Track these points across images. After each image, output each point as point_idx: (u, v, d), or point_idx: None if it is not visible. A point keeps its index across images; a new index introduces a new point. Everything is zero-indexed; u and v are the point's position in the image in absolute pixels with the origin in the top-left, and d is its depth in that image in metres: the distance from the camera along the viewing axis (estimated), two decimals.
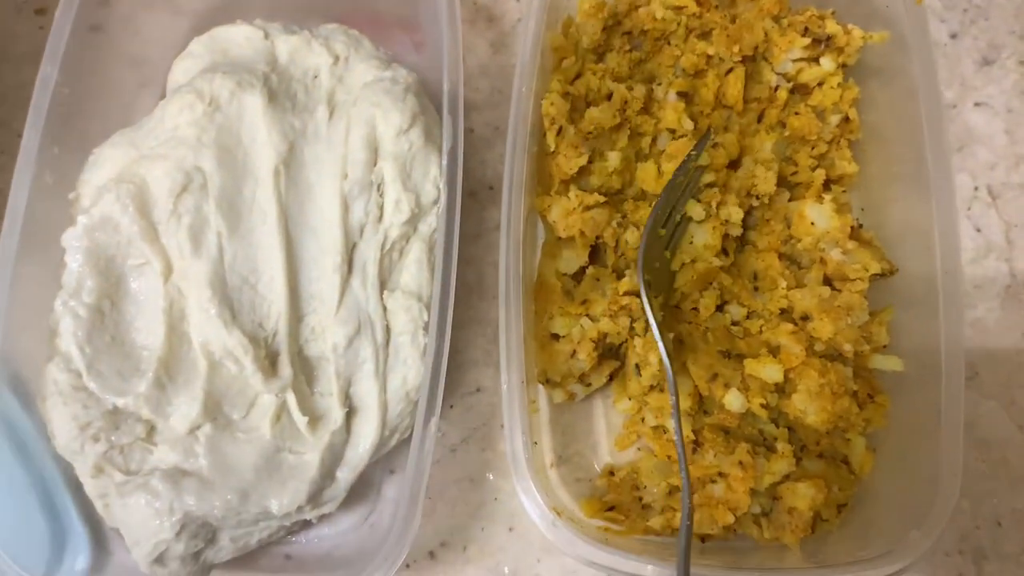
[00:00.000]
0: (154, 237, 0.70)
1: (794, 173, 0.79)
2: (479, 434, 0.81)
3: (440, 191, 0.73)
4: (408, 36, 0.87)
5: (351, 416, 0.71)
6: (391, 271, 0.74)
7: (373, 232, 0.73)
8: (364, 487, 0.76)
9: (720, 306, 0.76)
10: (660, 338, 0.67)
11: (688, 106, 0.80)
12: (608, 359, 0.76)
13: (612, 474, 0.76)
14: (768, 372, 0.70)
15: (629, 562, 0.65)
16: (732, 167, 0.79)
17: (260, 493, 0.67)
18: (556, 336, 0.75)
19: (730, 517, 0.68)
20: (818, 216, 0.74)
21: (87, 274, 0.68)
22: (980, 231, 0.85)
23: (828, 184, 0.79)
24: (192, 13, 0.84)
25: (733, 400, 0.70)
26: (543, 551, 0.77)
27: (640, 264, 0.70)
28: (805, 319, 0.72)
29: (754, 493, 0.69)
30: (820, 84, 0.81)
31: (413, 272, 0.74)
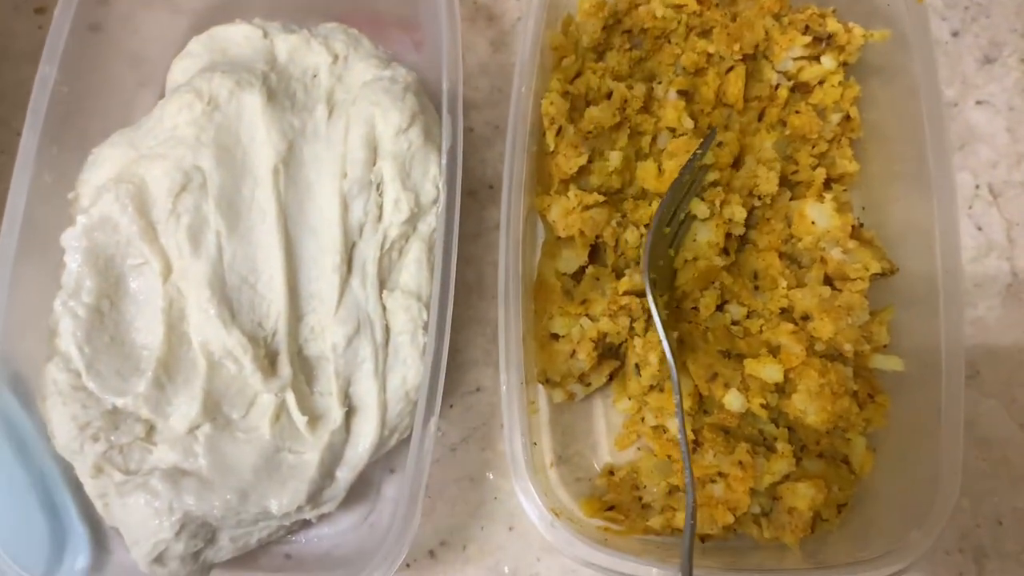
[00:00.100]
0: (153, 237, 0.70)
1: (795, 172, 0.79)
2: (479, 434, 0.81)
3: (439, 190, 0.73)
4: (407, 35, 0.87)
5: (350, 416, 0.71)
6: (390, 270, 0.74)
7: (372, 231, 0.73)
8: (364, 486, 0.76)
9: (720, 306, 0.75)
10: (664, 336, 0.67)
11: (688, 105, 0.80)
12: (608, 359, 0.76)
13: (612, 474, 0.76)
14: (768, 372, 0.70)
15: (627, 563, 0.65)
16: (734, 166, 0.79)
17: (260, 493, 0.67)
18: (556, 336, 0.75)
19: (730, 517, 0.68)
20: (819, 215, 0.74)
21: (86, 274, 0.68)
22: (981, 230, 0.85)
23: (829, 183, 0.79)
24: (191, 12, 0.84)
25: (733, 400, 0.70)
26: (543, 550, 0.77)
27: (646, 262, 0.70)
28: (805, 319, 0.72)
29: (754, 493, 0.69)
30: (821, 82, 0.81)
31: (412, 271, 0.73)
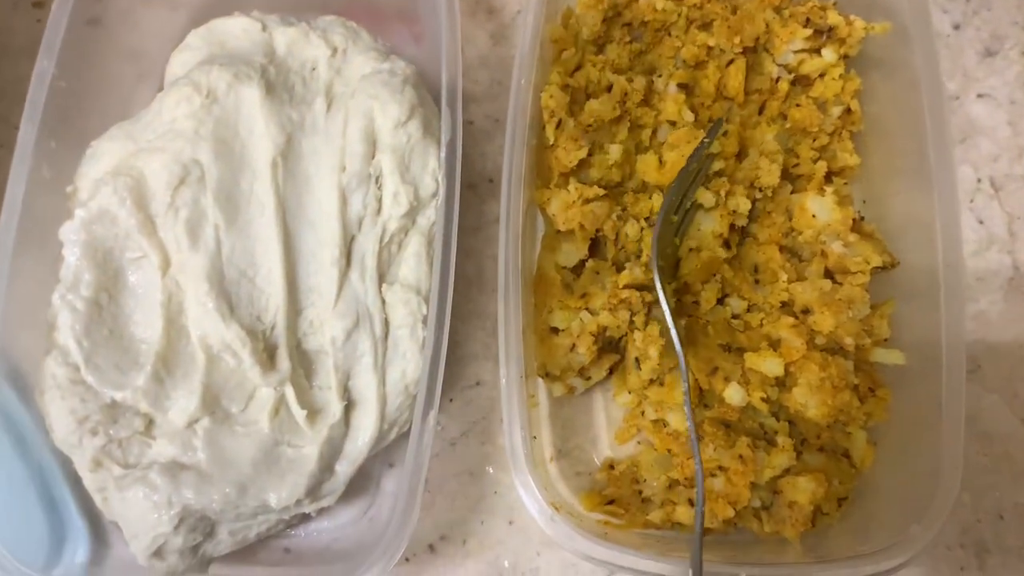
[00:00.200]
0: (152, 230, 0.70)
1: (796, 165, 0.79)
2: (479, 428, 0.80)
3: (439, 184, 0.73)
4: (407, 28, 0.86)
5: (350, 409, 0.71)
6: (390, 264, 0.74)
7: (371, 225, 0.73)
8: (363, 480, 0.76)
9: (721, 299, 0.75)
10: (673, 324, 0.67)
11: (689, 98, 0.79)
12: (608, 353, 0.76)
13: (612, 468, 0.76)
14: (769, 366, 0.70)
15: (627, 557, 0.65)
16: (736, 158, 0.78)
17: (259, 487, 0.67)
18: (556, 330, 0.75)
19: (730, 511, 0.68)
20: (819, 208, 0.74)
21: (85, 268, 0.68)
22: (983, 223, 0.85)
23: (830, 176, 0.79)
24: (189, 5, 0.84)
25: (733, 394, 0.70)
26: (543, 544, 0.77)
27: (654, 249, 0.69)
28: (806, 312, 0.72)
29: (754, 487, 0.69)
30: (822, 75, 0.80)
31: (412, 265, 0.73)
